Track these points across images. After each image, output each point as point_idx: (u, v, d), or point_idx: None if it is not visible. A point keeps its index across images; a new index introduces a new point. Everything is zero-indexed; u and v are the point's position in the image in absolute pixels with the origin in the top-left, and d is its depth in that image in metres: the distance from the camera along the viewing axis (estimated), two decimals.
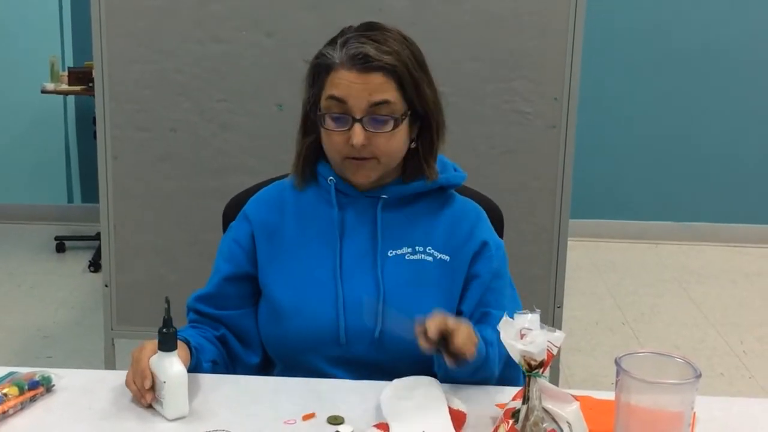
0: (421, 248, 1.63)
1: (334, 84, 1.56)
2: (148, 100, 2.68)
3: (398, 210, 1.65)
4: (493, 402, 1.44)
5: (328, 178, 1.64)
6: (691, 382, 1.21)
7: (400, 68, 1.56)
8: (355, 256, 1.62)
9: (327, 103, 1.57)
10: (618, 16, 4.93)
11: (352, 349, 1.59)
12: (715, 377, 3.46)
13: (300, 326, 1.59)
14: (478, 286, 1.63)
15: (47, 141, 5.21)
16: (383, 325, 1.57)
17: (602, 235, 5.15)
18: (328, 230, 1.63)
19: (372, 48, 1.54)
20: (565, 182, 2.66)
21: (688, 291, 4.44)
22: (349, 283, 1.60)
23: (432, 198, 1.68)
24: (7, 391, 1.39)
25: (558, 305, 2.74)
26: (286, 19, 2.61)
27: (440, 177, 1.66)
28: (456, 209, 1.69)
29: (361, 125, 1.55)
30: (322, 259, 1.62)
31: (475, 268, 1.64)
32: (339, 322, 1.58)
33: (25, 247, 4.86)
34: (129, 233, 2.77)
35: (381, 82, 1.55)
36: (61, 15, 5.05)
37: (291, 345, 1.61)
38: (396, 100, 1.56)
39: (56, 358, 3.47)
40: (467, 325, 1.43)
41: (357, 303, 1.59)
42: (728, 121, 5.10)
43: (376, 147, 1.57)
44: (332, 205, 1.63)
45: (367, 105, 1.54)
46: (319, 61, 1.60)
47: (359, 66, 1.54)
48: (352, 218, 1.64)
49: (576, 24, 2.56)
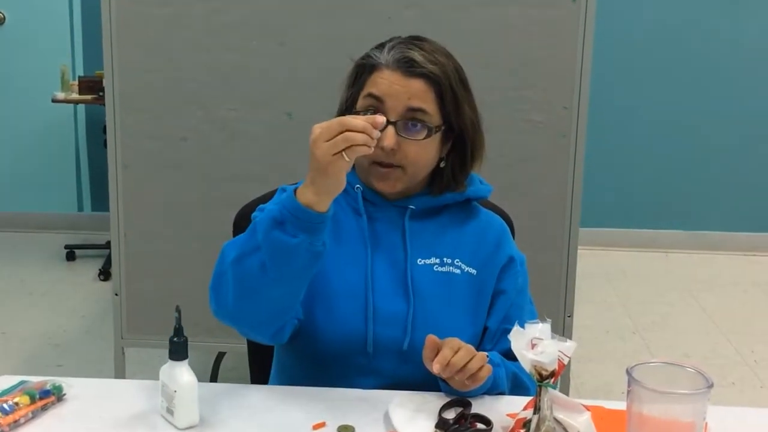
0: (449, 260, 1.63)
1: (374, 83, 1.55)
2: (158, 108, 2.69)
3: (425, 220, 1.65)
4: (505, 412, 1.44)
5: (355, 186, 1.63)
6: (703, 392, 1.20)
7: (443, 80, 1.55)
8: (386, 265, 1.61)
9: (364, 102, 1.56)
10: (628, 25, 4.93)
11: (379, 360, 1.58)
12: (727, 386, 3.44)
13: (328, 334, 1.58)
14: (504, 302, 1.64)
15: (58, 150, 5.23)
16: (412, 337, 1.57)
17: (612, 243, 5.14)
18: (358, 238, 1.62)
19: (419, 54, 1.55)
20: (575, 191, 2.66)
21: (699, 300, 4.42)
22: (379, 292, 1.59)
23: (457, 210, 1.68)
24: (18, 400, 1.39)
25: (568, 314, 2.73)
26: (297, 29, 2.62)
27: (468, 189, 1.66)
28: (482, 222, 1.69)
29: (395, 128, 1.54)
30: (353, 266, 1.61)
31: (502, 284, 1.65)
32: (368, 331, 1.57)
33: (35, 256, 4.88)
34: (139, 242, 2.77)
35: (422, 89, 1.54)
36: (72, 24, 5.07)
37: (318, 351, 1.59)
38: (433, 111, 1.56)
39: (67, 367, 3.47)
40: (480, 357, 1.44)
41: (387, 313, 1.58)
42: (738, 130, 5.09)
43: (405, 154, 1.55)
44: (360, 213, 1.63)
45: (404, 108, 1.54)
46: (363, 62, 1.60)
47: (403, 69, 1.54)
48: (381, 227, 1.63)
49: (586, 33, 2.56)
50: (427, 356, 1.43)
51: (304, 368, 1.64)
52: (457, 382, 1.44)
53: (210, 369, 3.23)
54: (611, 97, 4.86)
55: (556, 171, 2.65)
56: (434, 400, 1.46)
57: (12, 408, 1.37)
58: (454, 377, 1.43)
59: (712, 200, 5.18)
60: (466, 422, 1.39)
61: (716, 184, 5.15)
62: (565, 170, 2.65)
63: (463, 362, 1.41)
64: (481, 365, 1.43)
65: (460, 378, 1.42)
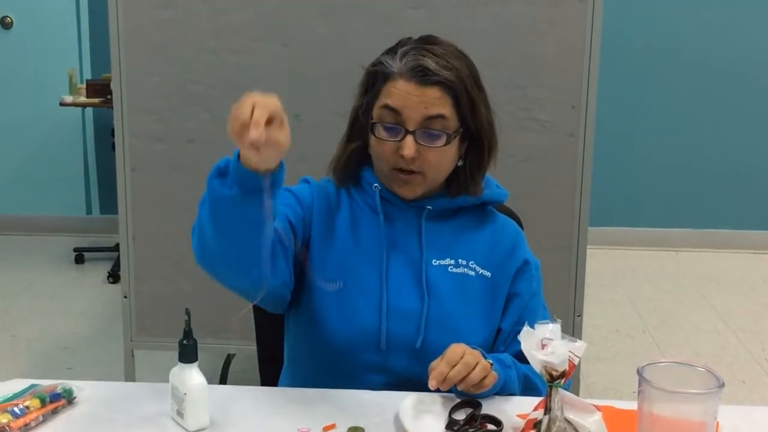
0: (464, 262, 1.64)
1: (390, 93, 1.55)
2: (165, 111, 2.69)
3: (441, 222, 1.65)
4: (515, 412, 1.44)
5: (373, 185, 1.64)
6: (713, 391, 1.20)
7: (458, 85, 1.55)
8: (400, 264, 1.62)
9: (381, 113, 1.57)
10: (636, 23, 4.91)
11: (392, 357, 1.58)
12: (737, 385, 3.43)
13: (341, 329, 1.58)
14: (519, 305, 1.65)
15: (66, 153, 5.24)
16: (425, 336, 1.57)
17: (621, 242, 5.12)
18: (375, 236, 1.63)
19: (432, 61, 1.54)
20: (583, 190, 2.65)
21: (709, 298, 4.40)
22: (394, 290, 1.60)
23: (473, 213, 1.69)
24: (29, 403, 1.40)
25: (578, 313, 2.72)
26: (302, 30, 2.62)
27: (484, 193, 1.67)
28: (497, 226, 1.70)
29: (413, 138, 1.54)
30: (369, 264, 1.61)
31: (516, 287, 1.66)
32: (381, 328, 1.58)
33: (44, 259, 4.89)
34: (148, 244, 2.78)
35: (438, 96, 1.54)
36: (79, 28, 5.08)
37: (331, 347, 1.59)
38: (450, 116, 1.56)
39: (76, 369, 3.48)
40: (481, 365, 1.43)
41: (401, 311, 1.59)
42: (748, 128, 5.07)
43: (425, 161, 1.56)
44: (378, 212, 1.63)
45: (421, 118, 1.54)
46: (376, 69, 1.60)
47: (418, 78, 1.54)
48: (398, 227, 1.64)
49: (593, 31, 2.55)
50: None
51: (316, 364, 1.64)
52: (462, 388, 1.45)
53: (219, 371, 3.24)
54: (619, 96, 4.85)
55: (565, 170, 2.65)
56: (444, 401, 1.46)
57: (23, 411, 1.38)
58: (457, 386, 1.44)
59: (722, 198, 5.15)
60: (476, 423, 1.39)
61: (726, 182, 5.13)
62: (573, 169, 2.64)
63: (460, 376, 1.41)
64: (483, 375, 1.43)
65: (462, 389, 1.44)
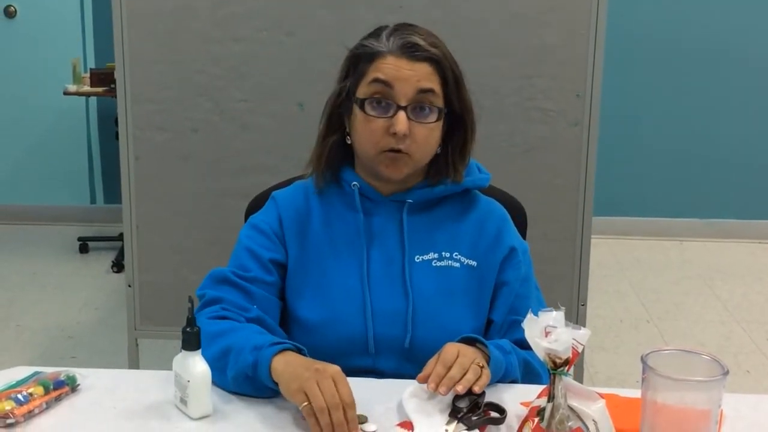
0: (447, 254, 1.62)
1: (380, 69, 1.54)
2: (169, 100, 2.68)
3: (423, 214, 1.64)
4: (518, 400, 1.43)
5: (351, 183, 1.62)
6: (718, 379, 1.19)
7: (444, 62, 1.56)
8: (383, 263, 1.60)
9: (370, 88, 1.55)
10: (641, 12, 4.89)
11: (382, 359, 1.58)
12: (742, 374, 3.43)
13: (328, 336, 1.57)
14: (508, 294, 1.62)
15: (70, 142, 5.24)
16: (413, 335, 1.56)
17: (626, 232, 5.11)
18: (354, 236, 1.61)
19: (420, 39, 1.55)
20: (588, 179, 2.65)
21: (713, 288, 4.40)
22: (377, 291, 1.59)
23: (456, 200, 1.66)
24: (32, 390, 1.39)
25: (582, 303, 2.72)
26: (306, 19, 2.61)
27: (466, 180, 1.64)
28: (481, 212, 1.67)
29: (405, 113, 1.53)
30: (349, 266, 1.60)
31: (504, 276, 1.63)
32: (368, 331, 1.57)
33: (48, 248, 4.90)
34: (151, 233, 2.78)
35: (428, 71, 1.55)
36: (83, 17, 5.08)
37: (320, 353, 1.53)
38: (439, 93, 1.56)
39: (80, 358, 3.49)
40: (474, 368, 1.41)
41: (385, 312, 1.57)
42: (752, 118, 5.06)
43: (415, 139, 1.54)
44: (357, 210, 1.61)
45: (414, 91, 1.53)
46: (359, 51, 1.59)
47: (409, 54, 1.54)
48: (378, 223, 1.62)
49: (598, 20, 2.55)
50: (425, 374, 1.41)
51: None
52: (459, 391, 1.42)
53: None
54: (624, 85, 4.83)
55: (569, 159, 2.64)
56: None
57: (26, 398, 1.38)
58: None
59: (726, 188, 5.14)
60: (479, 411, 1.38)
61: (731, 171, 5.11)
62: (578, 158, 2.63)
63: (458, 377, 1.39)
64: (476, 377, 1.40)
65: (458, 391, 1.40)
